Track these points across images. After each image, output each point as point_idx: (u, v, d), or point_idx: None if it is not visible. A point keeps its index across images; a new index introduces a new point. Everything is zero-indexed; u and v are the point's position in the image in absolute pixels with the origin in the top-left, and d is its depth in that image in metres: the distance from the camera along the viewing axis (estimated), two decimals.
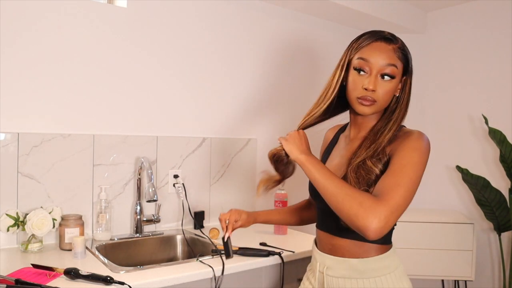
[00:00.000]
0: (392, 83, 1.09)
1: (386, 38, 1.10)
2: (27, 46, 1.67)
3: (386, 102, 1.11)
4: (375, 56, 1.08)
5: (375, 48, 1.09)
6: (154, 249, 1.88)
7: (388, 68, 1.07)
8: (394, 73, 1.08)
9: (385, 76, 1.08)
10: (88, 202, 1.81)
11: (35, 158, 1.69)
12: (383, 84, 1.08)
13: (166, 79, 2.03)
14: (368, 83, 1.07)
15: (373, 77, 1.08)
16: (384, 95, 1.09)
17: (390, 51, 1.08)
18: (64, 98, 1.76)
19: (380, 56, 1.08)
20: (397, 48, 1.09)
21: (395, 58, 1.08)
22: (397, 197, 0.95)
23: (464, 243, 2.30)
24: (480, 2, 2.63)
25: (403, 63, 1.10)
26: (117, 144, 1.88)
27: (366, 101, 1.09)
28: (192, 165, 2.10)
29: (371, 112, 1.11)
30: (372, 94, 1.08)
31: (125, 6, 1.90)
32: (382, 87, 1.08)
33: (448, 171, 2.75)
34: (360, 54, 1.10)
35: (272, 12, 2.39)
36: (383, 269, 1.10)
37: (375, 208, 0.93)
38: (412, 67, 1.14)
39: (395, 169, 1.01)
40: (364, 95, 1.09)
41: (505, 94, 2.48)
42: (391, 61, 1.07)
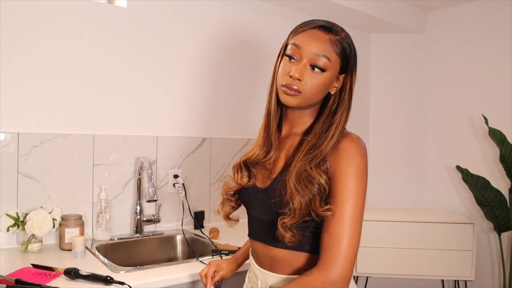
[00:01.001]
0: (323, 77, 0.98)
1: (325, 27, 0.99)
2: (27, 46, 1.67)
3: (313, 96, 0.99)
4: (308, 43, 0.97)
5: (311, 35, 0.98)
6: (154, 249, 1.88)
7: (319, 59, 0.97)
8: (326, 67, 0.97)
9: (315, 68, 0.97)
10: (88, 202, 1.81)
11: (35, 158, 1.69)
12: (312, 75, 0.97)
13: (166, 79, 2.03)
14: (295, 70, 0.97)
15: (301, 65, 0.97)
16: (311, 88, 0.98)
17: (325, 42, 0.98)
18: (64, 98, 1.76)
19: (313, 44, 0.97)
20: (336, 40, 0.98)
21: (330, 50, 0.97)
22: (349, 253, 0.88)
23: (464, 243, 2.30)
24: (480, 2, 2.62)
25: (340, 58, 0.99)
26: (117, 144, 1.88)
27: (290, 89, 0.98)
28: (192, 165, 2.10)
29: (294, 103, 1.00)
30: (298, 84, 0.97)
31: (125, 6, 1.90)
32: (310, 78, 0.97)
33: (448, 171, 2.75)
34: (294, 40, 1.00)
35: (275, 12, 2.39)
36: None
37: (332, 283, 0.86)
38: (354, 65, 1.03)
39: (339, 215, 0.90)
40: (288, 82, 0.98)
41: (505, 94, 2.48)
42: (323, 52, 0.97)
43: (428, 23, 2.91)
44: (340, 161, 0.94)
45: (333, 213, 0.91)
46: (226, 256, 1.60)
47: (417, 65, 2.93)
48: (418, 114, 2.93)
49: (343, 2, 2.35)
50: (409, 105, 2.93)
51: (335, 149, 0.96)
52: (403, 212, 2.53)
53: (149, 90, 1.98)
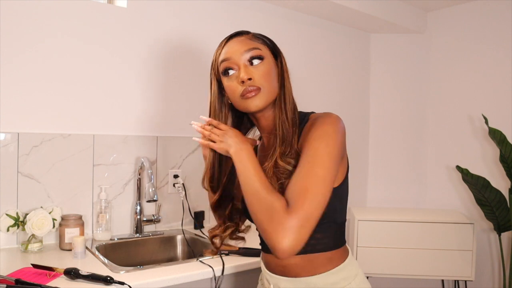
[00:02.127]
0: (265, 64, 1.00)
1: (235, 34, 1.05)
2: (27, 46, 1.67)
3: (270, 86, 1.00)
4: (233, 50, 1.01)
5: (230, 45, 1.02)
6: (154, 249, 1.88)
7: (252, 51, 1.00)
8: (260, 54, 1.00)
9: (253, 61, 0.99)
10: (88, 202, 1.81)
11: (35, 158, 1.69)
12: (255, 68, 0.99)
13: (166, 78, 2.03)
14: (242, 74, 0.98)
15: (242, 68, 0.99)
16: (264, 78, 0.99)
17: (244, 40, 1.02)
18: (64, 98, 1.76)
19: (237, 47, 1.01)
20: (251, 36, 1.04)
21: (253, 42, 1.02)
22: (307, 205, 0.85)
23: (464, 243, 2.30)
24: (480, 2, 2.62)
25: (265, 46, 1.04)
26: (117, 144, 1.88)
27: (249, 92, 0.98)
28: (192, 165, 2.10)
29: (262, 103, 0.99)
30: (252, 83, 0.98)
31: (125, 6, 1.90)
32: (256, 71, 0.99)
33: (448, 171, 2.75)
34: (220, 58, 1.03)
35: (276, 12, 2.39)
36: (343, 281, 1.01)
37: (284, 224, 0.83)
38: (277, 47, 1.07)
39: (302, 168, 0.90)
40: (244, 89, 0.98)
41: (505, 94, 2.48)
42: (250, 46, 1.01)
43: (428, 23, 2.91)
44: (309, 132, 0.95)
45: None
46: (226, 256, 1.60)
47: (417, 65, 2.93)
48: (418, 114, 2.93)
49: (343, 2, 2.35)
50: (409, 105, 2.93)
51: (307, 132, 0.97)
52: (403, 212, 2.53)
53: (149, 90, 1.98)
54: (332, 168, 0.90)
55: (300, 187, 0.87)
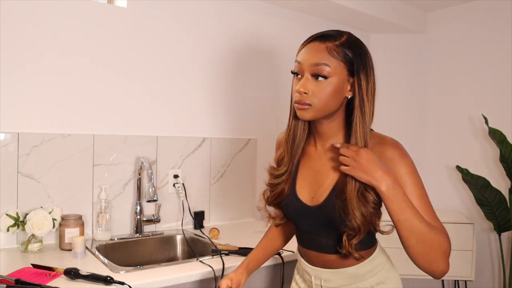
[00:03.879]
0: (327, 83, 1.00)
1: (321, 37, 1.02)
2: (27, 46, 1.67)
3: (325, 105, 1.01)
4: (306, 57, 1.01)
5: (308, 49, 1.03)
6: (154, 249, 1.88)
7: (318, 67, 0.99)
8: (327, 73, 0.99)
9: (318, 77, 1.00)
10: (88, 202, 1.81)
11: (35, 158, 1.69)
12: (316, 84, 1.00)
13: (167, 78, 2.03)
14: (299, 85, 1.01)
15: (304, 78, 1.01)
16: (319, 97, 1.00)
17: (322, 50, 1.00)
18: (64, 98, 1.76)
19: (309, 55, 1.01)
20: (334, 46, 1.00)
21: (328, 56, 0.99)
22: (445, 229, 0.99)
23: (464, 243, 2.30)
24: (480, 2, 2.62)
25: (343, 62, 1.01)
26: (117, 144, 1.88)
27: (300, 104, 1.02)
28: (192, 165, 2.10)
29: (309, 116, 1.03)
30: (306, 98, 1.01)
31: (125, 6, 1.90)
32: (315, 88, 1.00)
33: (448, 171, 2.75)
34: (296, 58, 1.05)
35: (275, 12, 2.39)
36: (376, 268, 1.11)
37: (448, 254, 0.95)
38: (363, 64, 1.03)
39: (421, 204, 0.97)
40: (298, 98, 1.02)
41: (505, 94, 2.48)
42: (320, 60, 0.99)
43: (428, 23, 2.91)
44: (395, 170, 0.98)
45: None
46: (226, 256, 1.60)
47: (417, 65, 2.93)
48: (418, 114, 2.93)
49: (343, 2, 2.35)
50: (409, 105, 2.93)
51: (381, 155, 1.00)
52: None
53: (149, 90, 1.98)
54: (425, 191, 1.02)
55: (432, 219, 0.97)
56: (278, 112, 2.44)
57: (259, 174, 2.35)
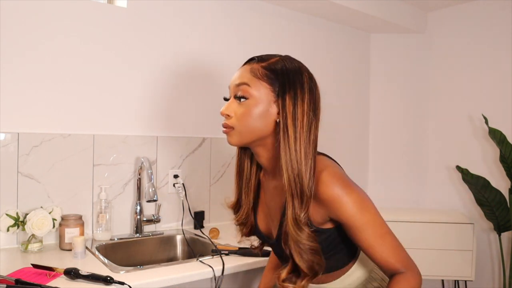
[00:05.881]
0: (249, 104, 0.94)
1: (250, 59, 1.01)
2: (27, 47, 1.67)
3: (248, 127, 0.95)
4: (231, 79, 1.00)
5: (237, 72, 1.01)
6: (154, 249, 1.88)
7: (239, 87, 0.95)
8: (246, 93, 0.94)
9: (240, 99, 0.95)
10: (88, 202, 1.81)
11: (35, 158, 1.69)
12: (238, 107, 0.96)
13: (166, 78, 2.03)
14: (223, 107, 0.98)
15: (228, 102, 0.99)
16: (240, 119, 0.95)
17: (245, 71, 0.97)
18: (64, 98, 1.76)
19: (234, 78, 0.99)
20: (259, 67, 0.96)
21: (250, 76, 0.95)
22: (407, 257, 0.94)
23: (464, 243, 2.30)
24: (480, 2, 2.62)
25: (267, 82, 0.94)
26: (117, 144, 1.88)
27: (224, 128, 0.99)
28: (192, 165, 2.10)
29: (234, 141, 0.98)
30: (228, 120, 0.97)
31: (125, 6, 1.90)
32: (237, 110, 0.96)
33: (448, 171, 2.75)
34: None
35: (275, 12, 2.39)
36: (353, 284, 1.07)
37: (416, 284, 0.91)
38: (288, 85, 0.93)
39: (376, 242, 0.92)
40: (223, 122, 0.99)
41: (505, 94, 2.48)
42: (241, 80, 0.96)
43: (428, 23, 2.91)
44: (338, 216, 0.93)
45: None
46: (226, 256, 1.60)
47: (417, 65, 2.93)
48: (418, 114, 2.93)
49: (343, 2, 2.35)
50: (409, 105, 2.93)
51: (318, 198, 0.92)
52: (403, 212, 2.53)
53: (149, 90, 1.98)
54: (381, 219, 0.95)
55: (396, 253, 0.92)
56: None
57: None
